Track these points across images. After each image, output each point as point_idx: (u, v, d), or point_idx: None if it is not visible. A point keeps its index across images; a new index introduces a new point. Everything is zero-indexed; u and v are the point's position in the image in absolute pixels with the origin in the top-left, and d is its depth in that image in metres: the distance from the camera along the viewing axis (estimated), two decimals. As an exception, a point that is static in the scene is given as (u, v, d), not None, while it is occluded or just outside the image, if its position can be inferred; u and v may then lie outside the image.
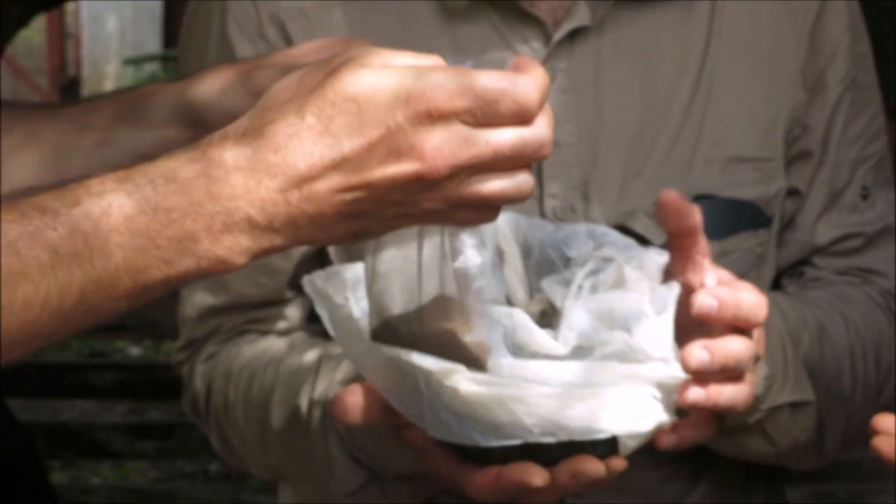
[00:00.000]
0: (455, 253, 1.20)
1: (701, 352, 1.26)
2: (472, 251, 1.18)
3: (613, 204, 1.59)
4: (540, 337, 1.29)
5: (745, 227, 1.61)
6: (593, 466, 1.26)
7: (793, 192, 1.64)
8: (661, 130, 1.60)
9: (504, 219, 1.41)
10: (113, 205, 1.01)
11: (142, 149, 1.31)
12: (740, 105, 1.62)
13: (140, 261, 1.01)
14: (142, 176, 1.01)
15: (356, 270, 1.34)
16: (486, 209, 1.09)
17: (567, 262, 1.40)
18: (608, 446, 1.25)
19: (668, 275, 1.33)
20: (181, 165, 1.02)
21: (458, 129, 1.03)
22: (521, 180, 1.06)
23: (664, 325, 1.30)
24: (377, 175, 1.02)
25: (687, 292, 1.28)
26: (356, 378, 1.45)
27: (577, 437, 1.24)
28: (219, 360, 1.64)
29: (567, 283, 1.37)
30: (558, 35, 1.55)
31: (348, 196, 1.03)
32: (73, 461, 3.90)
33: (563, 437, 1.24)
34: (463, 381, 1.24)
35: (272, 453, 1.61)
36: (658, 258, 1.37)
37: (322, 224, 1.04)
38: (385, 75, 1.03)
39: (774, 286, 1.69)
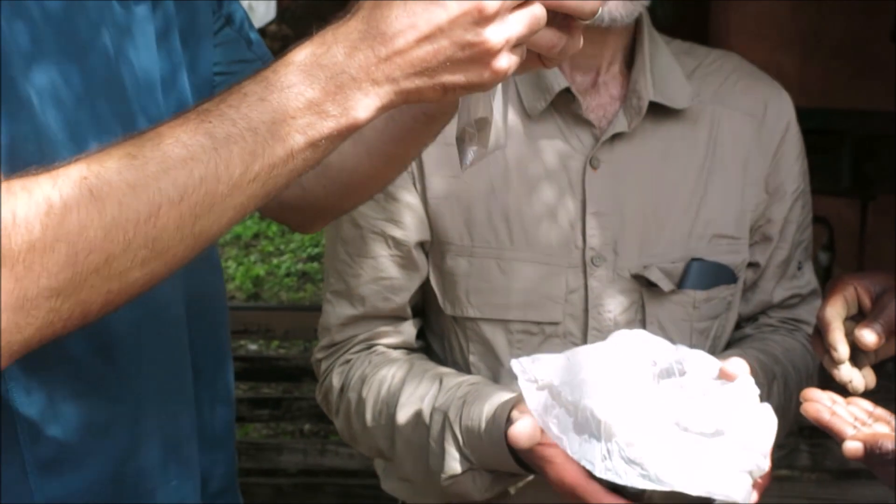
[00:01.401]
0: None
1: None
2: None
3: (634, 258, 1.60)
4: (698, 419, 1.30)
5: (723, 282, 1.64)
6: None
7: (753, 265, 1.69)
8: (671, 210, 1.62)
9: (644, 337, 1.40)
10: (248, 92, 0.99)
11: None
12: (724, 198, 1.64)
13: (281, 130, 0.98)
14: (267, 68, 1.00)
15: (553, 357, 1.36)
16: (518, 50, 1.02)
17: (683, 373, 1.37)
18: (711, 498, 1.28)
19: None
20: (295, 52, 1.00)
21: None
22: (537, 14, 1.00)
23: (768, 426, 1.33)
24: (444, 19, 0.97)
25: None
26: (476, 392, 1.51)
27: (703, 494, 1.27)
28: (354, 365, 1.63)
29: (682, 387, 1.35)
30: (604, 137, 1.58)
31: (429, 45, 0.98)
32: (210, 424, 3.86)
33: (696, 492, 1.26)
34: (640, 442, 1.28)
35: (389, 438, 1.59)
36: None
37: (413, 74, 0.99)
38: None
39: (735, 326, 1.73)
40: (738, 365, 1.37)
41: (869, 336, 1.40)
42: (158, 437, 1.24)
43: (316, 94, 0.99)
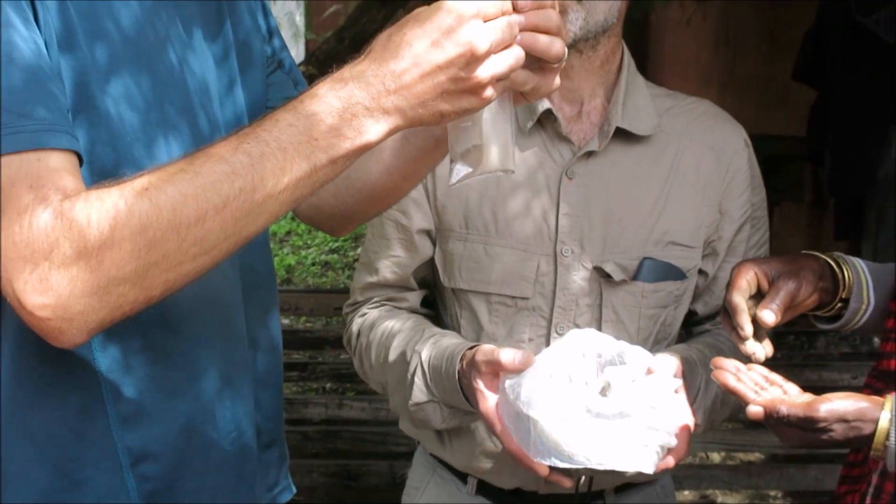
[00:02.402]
0: None
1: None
2: None
3: (597, 253, 1.58)
4: (605, 405, 1.33)
5: (672, 278, 1.62)
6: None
7: (702, 272, 1.66)
8: (632, 217, 1.60)
9: (593, 335, 1.43)
10: (280, 119, 0.98)
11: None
12: (682, 213, 1.62)
13: (306, 150, 0.97)
14: (295, 99, 1.00)
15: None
16: (499, 84, 1.00)
17: (623, 363, 1.39)
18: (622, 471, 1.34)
19: None
20: (318, 86, 0.99)
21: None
22: (516, 56, 0.99)
23: (673, 409, 1.36)
24: (443, 59, 0.96)
25: None
26: (445, 344, 1.54)
27: (613, 469, 1.32)
28: (368, 317, 1.68)
29: (615, 375, 1.38)
30: (580, 153, 1.58)
31: (429, 80, 0.96)
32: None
33: (604, 467, 1.31)
34: (556, 429, 1.31)
35: (385, 374, 1.63)
36: (671, 368, 1.41)
37: (416, 104, 0.97)
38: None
39: (695, 323, 1.73)
40: (663, 362, 1.42)
41: (769, 316, 1.40)
42: (219, 396, 1.24)
43: (335, 121, 0.97)
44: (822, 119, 3.95)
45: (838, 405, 1.27)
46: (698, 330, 1.73)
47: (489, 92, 0.99)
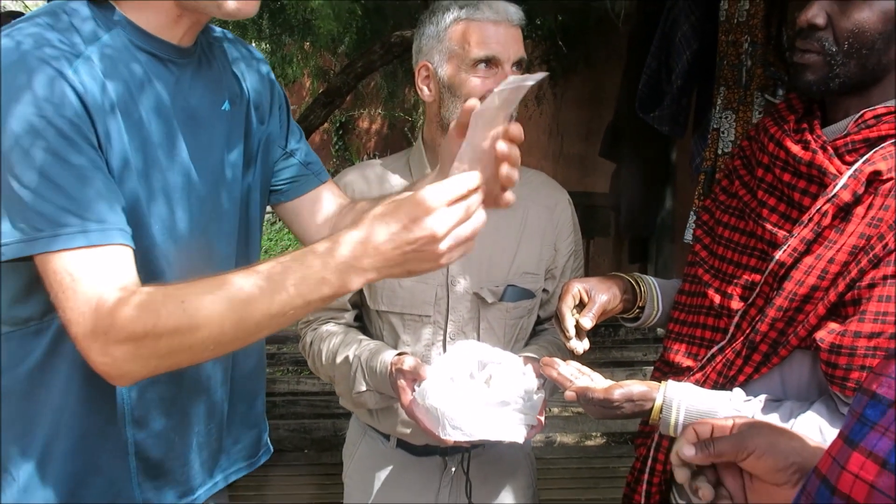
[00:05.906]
0: None
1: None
2: None
3: (475, 283, 1.53)
4: (492, 396, 1.29)
5: (526, 298, 1.57)
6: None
7: (545, 290, 1.61)
8: (499, 257, 1.52)
9: (474, 344, 1.38)
10: (291, 266, 0.94)
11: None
12: (530, 252, 1.57)
13: (305, 291, 0.93)
14: (301, 251, 0.94)
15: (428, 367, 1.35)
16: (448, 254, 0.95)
17: (499, 363, 1.35)
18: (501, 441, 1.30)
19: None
20: (319, 246, 0.94)
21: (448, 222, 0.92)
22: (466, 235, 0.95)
23: (537, 399, 1.32)
24: (411, 238, 0.93)
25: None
26: (377, 351, 1.47)
27: (496, 439, 1.30)
28: (318, 330, 1.59)
29: (493, 375, 1.32)
30: None
31: (398, 251, 0.93)
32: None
33: (493, 438, 1.28)
34: (458, 416, 1.27)
35: (333, 371, 1.54)
36: (533, 371, 1.35)
37: (389, 265, 0.94)
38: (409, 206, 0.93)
39: (539, 323, 1.65)
40: (531, 367, 1.39)
41: (587, 322, 1.35)
42: (210, 400, 1.21)
43: (327, 274, 0.94)
44: (618, 182, 4.03)
45: (627, 390, 1.22)
46: (541, 329, 1.69)
47: (445, 259, 0.95)
